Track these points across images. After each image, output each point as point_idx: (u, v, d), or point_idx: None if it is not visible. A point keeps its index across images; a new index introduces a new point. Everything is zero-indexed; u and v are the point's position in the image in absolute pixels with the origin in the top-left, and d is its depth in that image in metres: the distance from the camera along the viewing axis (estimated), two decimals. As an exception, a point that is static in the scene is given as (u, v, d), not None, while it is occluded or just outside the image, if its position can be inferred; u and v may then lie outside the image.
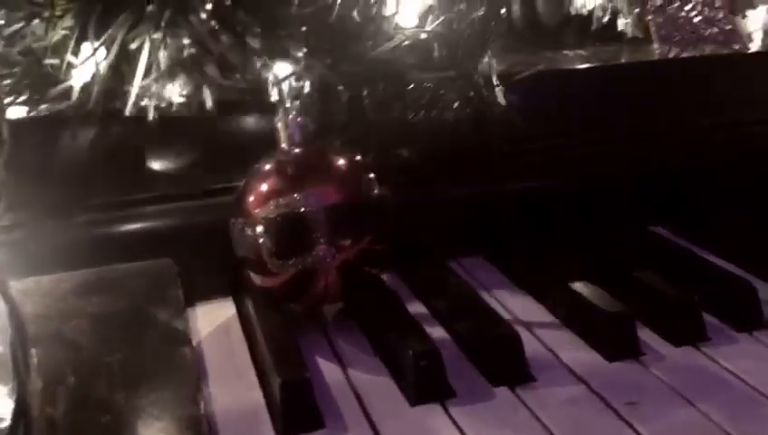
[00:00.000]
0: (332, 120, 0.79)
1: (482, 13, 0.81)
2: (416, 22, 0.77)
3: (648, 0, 1.14)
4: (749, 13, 1.23)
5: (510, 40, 0.95)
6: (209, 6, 0.65)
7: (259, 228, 0.68)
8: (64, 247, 0.77)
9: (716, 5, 1.16)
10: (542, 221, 0.91)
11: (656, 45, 1.12)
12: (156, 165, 0.82)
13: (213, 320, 0.79)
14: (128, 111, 0.70)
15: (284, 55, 0.70)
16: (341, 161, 0.72)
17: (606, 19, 1.18)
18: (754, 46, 1.16)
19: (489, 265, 0.89)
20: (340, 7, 0.72)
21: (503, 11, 0.81)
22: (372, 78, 0.75)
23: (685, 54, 1.10)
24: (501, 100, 0.86)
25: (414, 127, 0.84)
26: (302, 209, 0.67)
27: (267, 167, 0.72)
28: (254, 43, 0.67)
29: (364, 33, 0.73)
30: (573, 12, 1.17)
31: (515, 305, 0.80)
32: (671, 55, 1.09)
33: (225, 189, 0.82)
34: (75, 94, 0.70)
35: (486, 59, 0.85)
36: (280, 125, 0.73)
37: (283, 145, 0.73)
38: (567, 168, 0.94)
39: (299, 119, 0.73)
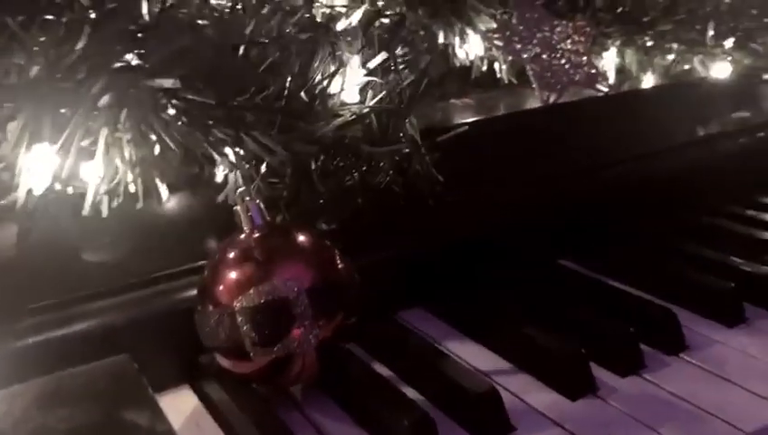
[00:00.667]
0: (282, 196, 0.80)
1: (409, 81, 0.85)
2: (357, 97, 0.80)
3: (523, 49, 1.25)
4: (604, 54, 1.38)
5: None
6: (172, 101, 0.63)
7: (240, 318, 0.68)
8: (10, 357, 0.71)
9: (581, 51, 1.28)
10: (472, 267, 0.97)
11: (536, 91, 1.23)
12: (96, 257, 0.78)
13: (178, 412, 0.76)
14: (85, 211, 0.67)
15: (240, 142, 0.70)
16: (308, 239, 0.74)
17: (485, 68, 1.28)
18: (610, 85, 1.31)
19: (430, 316, 0.93)
20: (290, 90, 0.73)
21: (426, 78, 0.86)
22: (323, 153, 0.77)
23: (562, 99, 1.21)
24: (425, 159, 0.91)
25: (353, 194, 0.86)
26: (285, 295, 0.68)
27: (233, 253, 0.72)
28: (218, 133, 0.67)
29: (314, 112, 0.74)
30: (457, 63, 1.25)
31: (467, 354, 0.84)
32: (551, 100, 1.20)
33: (169, 276, 0.80)
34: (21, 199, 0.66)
35: (409, 123, 0.89)
36: (239, 209, 0.73)
37: (245, 228, 0.73)
38: (486, 214, 1.00)
39: (258, 201, 0.73)
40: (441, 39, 1.21)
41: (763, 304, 0.91)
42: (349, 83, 0.78)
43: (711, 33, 1.36)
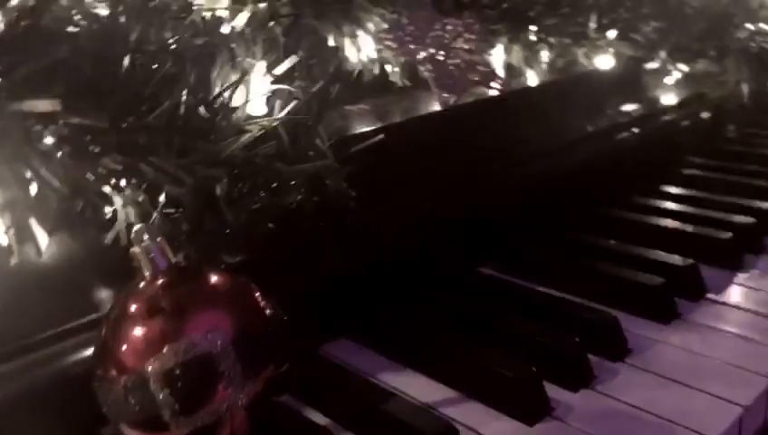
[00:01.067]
0: (181, 229, 0.68)
1: (318, 87, 0.76)
2: (265, 110, 0.70)
3: (417, 49, 1.19)
4: (492, 52, 1.34)
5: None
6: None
7: (155, 384, 0.56)
8: None
9: (473, 50, 1.24)
10: (394, 287, 0.89)
11: (435, 93, 1.17)
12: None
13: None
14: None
15: (136, 171, 0.58)
16: (224, 279, 0.63)
17: (377, 71, 1.20)
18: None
19: (358, 347, 0.84)
20: (187, 105, 0.62)
21: (335, 86, 0.77)
22: (230, 175, 0.66)
23: (462, 99, 1.16)
24: (338, 174, 0.82)
25: (263, 219, 0.76)
26: (207, 350, 0.57)
27: (136, 305, 0.59)
28: (110, 162, 0.55)
29: (217, 130, 0.64)
30: (349, 68, 1.17)
31: (409, 386, 0.76)
32: (452, 102, 1.14)
33: (51, 338, 0.67)
34: None
35: (319, 134, 0.80)
36: (137, 251, 0.61)
37: (147, 274, 0.61)
38: (402, 228, 0.93)
39: (160, 239, 0.61)
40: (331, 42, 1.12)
41: (692, 297, 0.90)
42: (253, 94, 0.68)
43: (593, 25, 1.36)
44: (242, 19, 0.85)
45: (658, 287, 0.86)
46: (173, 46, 0.62)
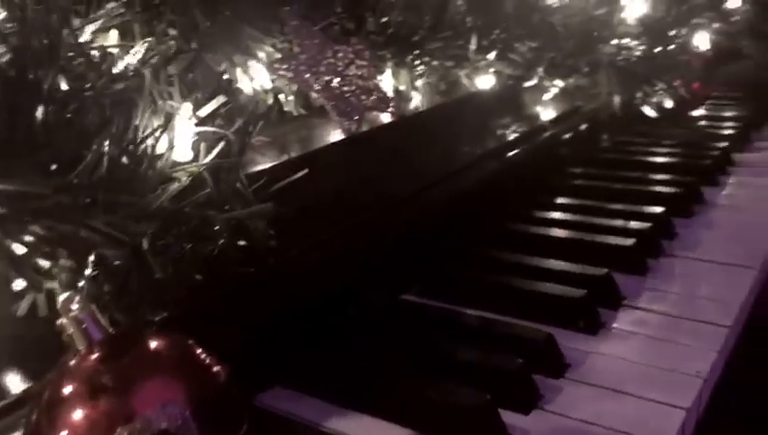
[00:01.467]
0: (107, 290, 0.62)
1: (238, 127, 0.72)
2: (191, 155, 0.65)
3: (312, 78, 1.16)
4: (381, 77, 1.35)
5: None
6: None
7: (108, 475, 0.49)
8: None
9: (366, 75, 1.23)
10: (322, 325, 0.86)
11: (336, 121, 1.15)
12: None
13: None
14: None
15: (62, 237, 0.52)
16: (167, 342, 0.57)
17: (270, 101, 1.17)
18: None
19: (297, 394, 0.80)
20: (110, 157, 0.56)
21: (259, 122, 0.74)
22: (161, 227, 0.61)
23: (361, 125, 1.14)
24: (263, 216, 0.78)
25: (190, 269, 0.71)
26: (166, 426, 0.51)
27: (72, 386, 0.53)
28: (37, 229, 0.48)
29: (143, 181, 0.58)
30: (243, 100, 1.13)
31: (360, 431, 0.73)
32: (353, 128, 1.13)
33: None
34: None
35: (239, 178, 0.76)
36: (67, 323, 0.54)
37: (81, 348, 0.54)
38: (322, 264, 0.90)
39: (93, 307, 0.55)
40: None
41: (612, 305, 0.93)
42: (178, 138, 0.63)
43: (473, 47, 1.40)
44: (134, 57, 0.79)
45: (583, 299, 0.89)
46: (91, 92, 0.56)
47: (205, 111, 0.64)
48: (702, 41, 1.85)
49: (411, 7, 1.36)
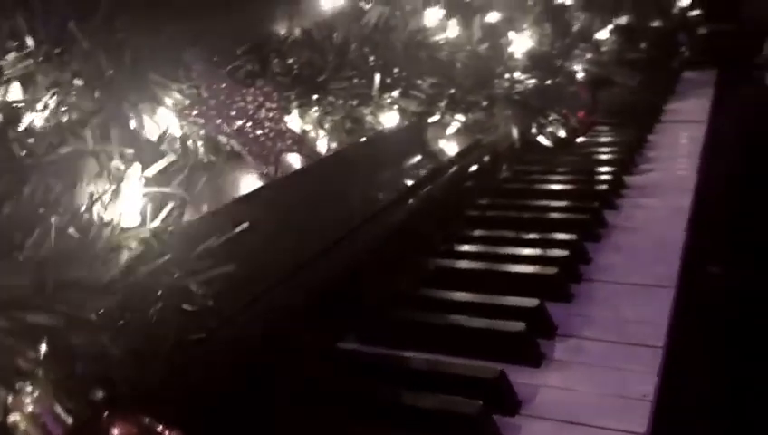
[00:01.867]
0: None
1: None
2: (138, 219, 0.60)
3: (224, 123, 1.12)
4: (288, 118, 1.33)
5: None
6: None
7: None
8: None
9: (277, 118, 1.21)
10: (267, 389, 0.82)
11: (251, 165, 1.12)
12: None
13: None
14: None
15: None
16: (132, 427, 0.52)
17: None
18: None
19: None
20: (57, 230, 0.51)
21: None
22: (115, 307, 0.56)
23: (278, 168, 1.12)
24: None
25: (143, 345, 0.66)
26: None
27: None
28: None
29: (95, 254, 0.54)
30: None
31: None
32: (269, 171, 1.10)
33: None
34: None
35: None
36: (21, 421, 0.48)
37: (39, 446, 0.49)
38: (260, 321, 0.86)
39: (56, 405, 0.50)
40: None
41: (547, 335, 0.95)
42: (126, 202, 0.58)
43: (377, 85, 1.41)
44: (41, 114, 0.73)
45: (524, 333, 0.90)
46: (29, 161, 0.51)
47: (154, 169, 0.60)
48: (580, 71, 1.96)
49: (315, 48, 1.36)
